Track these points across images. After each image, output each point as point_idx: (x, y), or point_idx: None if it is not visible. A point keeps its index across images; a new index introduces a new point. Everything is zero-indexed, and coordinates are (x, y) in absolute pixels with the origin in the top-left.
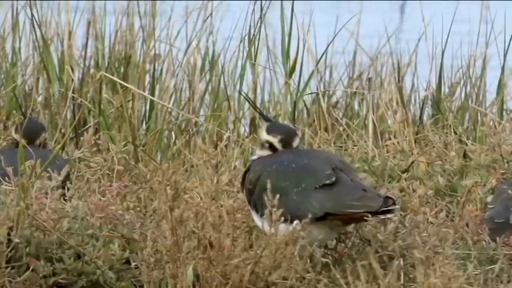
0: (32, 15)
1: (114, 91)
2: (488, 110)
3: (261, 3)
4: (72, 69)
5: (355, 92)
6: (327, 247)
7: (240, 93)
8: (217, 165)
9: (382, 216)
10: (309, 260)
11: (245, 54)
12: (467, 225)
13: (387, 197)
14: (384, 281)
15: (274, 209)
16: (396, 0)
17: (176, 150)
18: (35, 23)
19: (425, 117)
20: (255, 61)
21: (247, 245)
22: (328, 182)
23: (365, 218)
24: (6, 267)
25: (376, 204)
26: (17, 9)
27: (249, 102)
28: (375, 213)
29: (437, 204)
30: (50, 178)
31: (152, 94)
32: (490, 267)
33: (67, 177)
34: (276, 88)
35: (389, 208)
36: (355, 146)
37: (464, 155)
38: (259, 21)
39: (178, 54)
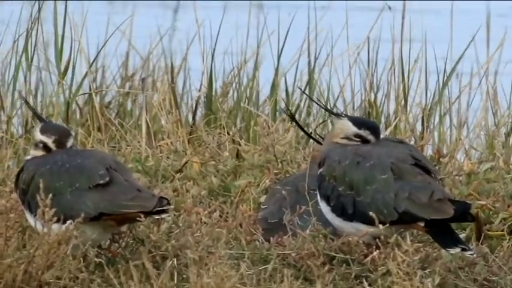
0: None
1: None
2: (260, 111)
3: (39, 3)
4: None
5: (129, 92)
6: (100, 247)
7: (19, 94)
8: None
9: (157, 216)
10: (82, 260)
11: (19, 55)
12: (240, 225)
13: (162, 197)
14: (157, 281)
15: (47, 209)
16: (170, 0)
17: None
18: None
19: (198, 118)
20: (31, 62)
21: (20, 245)
22: (102, 182)
23: (139, 218)
24: None
25: (151, 204)
26: None
27: (25, 102)
28: (149, 213)
29: (211, 204)
30: None
31: None
32: (263, 267)
33: None
34: (50, 88)
35: (163, 208)
36: (129, 146)
37: (238, 155)
38: (34, 23)
39: None
